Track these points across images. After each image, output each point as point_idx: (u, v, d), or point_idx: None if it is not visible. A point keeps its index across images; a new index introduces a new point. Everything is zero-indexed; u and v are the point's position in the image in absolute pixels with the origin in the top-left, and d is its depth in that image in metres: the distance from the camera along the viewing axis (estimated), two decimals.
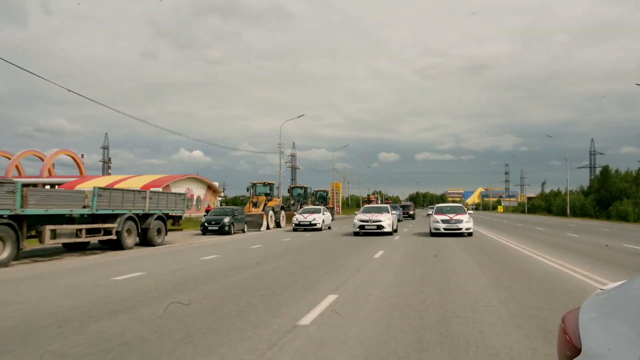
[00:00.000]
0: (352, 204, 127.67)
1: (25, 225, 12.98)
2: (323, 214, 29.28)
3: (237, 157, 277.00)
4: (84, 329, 5.46)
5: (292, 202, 43.61)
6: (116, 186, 42.89)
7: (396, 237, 21.41)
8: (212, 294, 7.65)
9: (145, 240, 18.19)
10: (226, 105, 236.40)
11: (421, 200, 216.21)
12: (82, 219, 15.48)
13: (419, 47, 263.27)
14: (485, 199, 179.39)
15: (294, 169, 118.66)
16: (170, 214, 19.87)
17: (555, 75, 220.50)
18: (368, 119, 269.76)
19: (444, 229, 21.67)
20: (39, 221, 13.62)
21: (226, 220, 26.28)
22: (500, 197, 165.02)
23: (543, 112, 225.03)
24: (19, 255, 12.81)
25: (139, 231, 17.79)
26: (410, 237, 21.38)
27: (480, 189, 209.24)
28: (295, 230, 27.80)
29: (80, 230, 14.91)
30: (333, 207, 62.54)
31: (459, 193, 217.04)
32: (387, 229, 23.14)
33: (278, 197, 39.10)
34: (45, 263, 12.85)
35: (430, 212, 58.35)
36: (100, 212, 15.86)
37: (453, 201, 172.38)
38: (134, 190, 17.75)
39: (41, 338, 5.12)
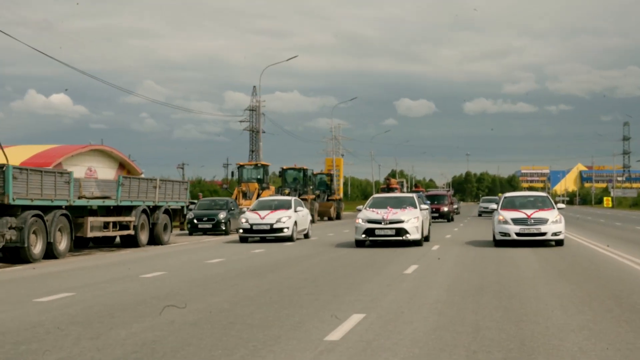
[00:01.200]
0: (354, 194, 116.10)
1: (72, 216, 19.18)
2: (296, 211, 25.80)
3: (134, 106, 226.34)
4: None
5: (286, 191, 44.65)
6: None
7: (431, 247, 21.05)
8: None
9: (152, 238, 23.52)
10: (114, 11, 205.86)
11: (473, 187, 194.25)
12: (105, 211, 21.63)
13: None
14: (588, 184, 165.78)
15: (253, 132, 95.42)
16: (173, 207, 25.30)
17: None
18: (379, 36, 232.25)
19: (517, 234, 21.11)
20: (81, 213, 20.11)
21: (222, 215, 27.94)
22: (609, 181, 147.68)
23: None
24: (72, 247, 19.31)
25: (150, 226, 23.57)
26: (455, 250, 20.85)
27: (579, 167, 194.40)
28: (243, 240, 24.89)
29: (108, 223, 21.15)
30: (340, 200, 58.71)
31: (542, 174, 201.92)
32: (413, 234, 21.80)
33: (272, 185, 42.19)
34: (94, 256, 19.79)
35: (490, 207, 54.30)
36: (123, 203, 21.97)
37: (531, 188, 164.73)
38: (147, 179, 23.27)
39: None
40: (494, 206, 55.93)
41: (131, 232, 22.21)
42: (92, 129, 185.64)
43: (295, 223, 25.32)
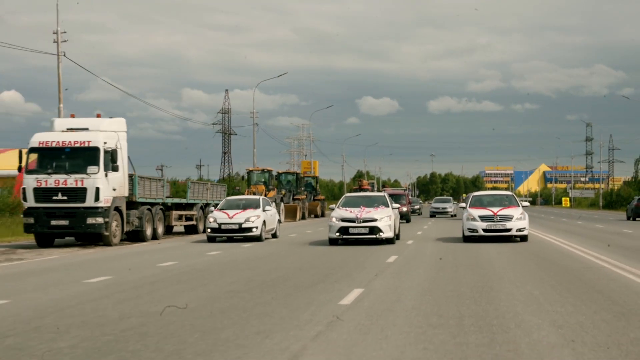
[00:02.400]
0: (323, 193, 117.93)
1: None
2: (264, 211, 25.32)
3: (88, 103, 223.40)
4: None
5: (282, 192, 49.09)
6: None
7: (398, 246, 21.09)
8: None
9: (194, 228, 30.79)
10: (66, 4, 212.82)
11: (438, 187, 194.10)
12: (176, 207, 28.85)
13: None
14: (551, 185, 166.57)
15: (226, 134, 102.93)
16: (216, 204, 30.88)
17: None
18: (341, 31, 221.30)
19: (484, 230, 22.22)
20: (167, 208, 27.83)
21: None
22: (572, 182, 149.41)
23: None
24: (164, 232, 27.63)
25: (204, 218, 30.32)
26: (428, 245, 22.02)
27: (543, 168, 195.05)
28: (211, 239, 24.51)
29: (182, 215, 28.95)
30: (324, 200, 61.63)
31: (506, 174, 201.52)
32: (386, 232, 21.84)
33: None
34: (177, 238, 27.72)
35: (441, 208, 57.37)
36: (190, 201, 30.27)
37: (494, 189, 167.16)
38: (203, 183, 34.24)
39: None
40: (446, 206, 57.46)
41: (193, 222, 30.31)
42: (45, 127, 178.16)
43: (264, 222, 24.86)
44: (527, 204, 25.49)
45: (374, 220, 21.71)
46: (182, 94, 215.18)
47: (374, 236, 21.62)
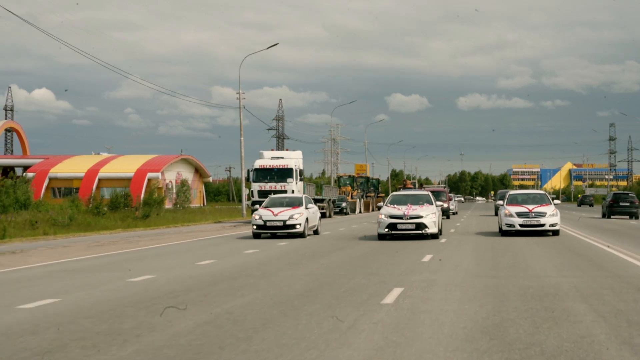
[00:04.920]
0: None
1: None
2: (307, 208, 26.05)
3: (119, 101, 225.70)
4: None
5: (357, 191, 65.39)
6: (105, 167, 69.71)
7: (442, 240, 22.65)
8: None
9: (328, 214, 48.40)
10: (96, 3, 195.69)
11: (468, 185, 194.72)
12: (316, 201, 40.77)
13: None
14: (578, 182, 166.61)
15: (280, 138, 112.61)
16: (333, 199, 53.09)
17: None
18: (370, 29, 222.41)
19: (521, 225, 23.82)
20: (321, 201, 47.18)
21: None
22: (599, 179, 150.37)
23: None
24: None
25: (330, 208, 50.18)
26: (467, 240, 23.14)
27: (568, 166, 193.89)
28: (256, 236, 25.27)
29: (320, 206, 39.07)
30: (384, 197, 67.26)
31: (533, 172, 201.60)
32: (431, 228, 22.94)
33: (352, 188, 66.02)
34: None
35: (484, 201, 65.07)
36: (323, 197, 48.91)
37: (521, 186, 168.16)
38: (330, 186, 58.15)
39: None
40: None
41: (325, 211, 46.68)
42: (76, 125, 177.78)
43: (307, 220, 25.51)
44: (558, 201, 27.04)
45: (420, 217, 22.77)
46: (211, 91, 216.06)
47: (420, 232, 22.65)
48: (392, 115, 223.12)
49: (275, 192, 36.65)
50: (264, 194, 37.13)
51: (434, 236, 22.98)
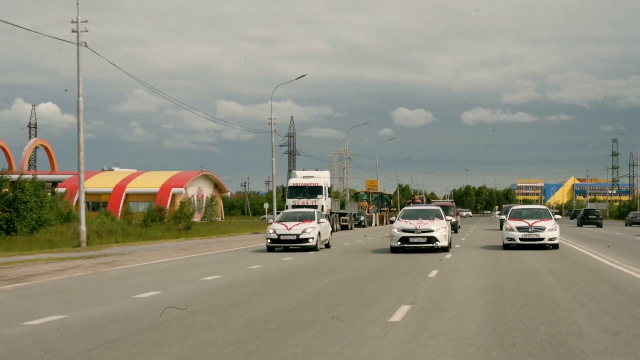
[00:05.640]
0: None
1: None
2: (319, 223, 26.72)
3: (124, 115, 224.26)
4: None
5: (372, 206, 72.12)
6: (132, 183, 74.94)
7: (448, 255, 22.73)
8: None
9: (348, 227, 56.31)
10: (103, 18, 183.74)
11: (472, 199, 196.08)
12: (340, 215, 53.61)
13: None
14: (581, 197, 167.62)
15: (291, 155, 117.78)
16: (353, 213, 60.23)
17: None
18: (374, 44, 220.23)
19: (520, 239, 24.76)
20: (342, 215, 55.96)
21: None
22: (602, 194, 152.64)
23: None
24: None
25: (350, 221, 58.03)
26: (474, 254, 23.85)
27: (572, 181, 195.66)
28: (270, 249, 25.74)
29: (342, 219, 54.08)
30: (396, 211, 72.30)
31: (537, 187, 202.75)
32: (442, 242, 23.71)
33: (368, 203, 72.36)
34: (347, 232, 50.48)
35: (498, 216, 69.09)
36: (346, 211, 56.82)
37: (525, 201, 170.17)
38: (354, 202, 67.21)
39: None
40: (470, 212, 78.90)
41: (347, 223, 54.61)
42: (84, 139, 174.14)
43: (319, 234, 26.04)
44: (559, 216, 29.33)
45: (431, 231, 23.53)
46: (217, 105, 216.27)
47: (431, 245, 23.49)
48: (397, 129, 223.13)
49: (307, 206, 41.97)
50: (297, 208, 42.08)
51: (444, 249, 23.86)
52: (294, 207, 43.16)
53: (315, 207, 41.81)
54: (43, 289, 13.87)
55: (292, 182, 47.40)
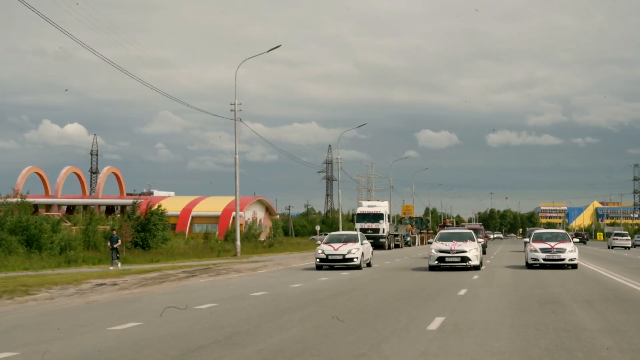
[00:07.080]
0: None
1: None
2: (362, 244, 28.95)
3: (149, 136, 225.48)
4: None
5: (414, 229, 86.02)
6: (197, 207, 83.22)
7: (475, 275, 24.13)
8: None
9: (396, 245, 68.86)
10: (130, 39, 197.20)
11: (497, 222, 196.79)
12: (393, 236, 67.56)
13: None
14: (602, 220, 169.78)
15: (329, 180, 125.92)
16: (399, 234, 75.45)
17: None
18: (399, 66, 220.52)
19: (544, 259, 27.14)
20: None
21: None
22: (624, 217, 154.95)
23: None
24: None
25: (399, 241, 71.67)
26: (504, 272, 26.38)
27: (595, 204, 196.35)
28: (319, 267, 28.12)
29: (398, 240, 69.63)
30: (433, 233, 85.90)
31: (560, 210, 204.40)
32: (474, 261, 25.97)
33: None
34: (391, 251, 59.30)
35: (522, 239, 79.60)
36: (396, 233, 69.37)
37: (549, 224, 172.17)
38: (402, 225, 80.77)
39: None
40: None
41: (399, 243, 67.10)
42: (106, 159, 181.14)
43: (362, 254, 28.39)
44: (577, 239, 32.59)
45: (465, 251, 26.12)
46: (241, 126, 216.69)
47: (465, 264, 26.03)
48: (421, 151, 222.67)
49: (372, 229, 58.19)
50: (364, 230, 53.40)
51: (476, 267, 26.29)
52: (362, 230, 52.97)
53: (378, 229, 59.25)
54: (269, 272, 27.02)
55: (360, 210, 62.37)
